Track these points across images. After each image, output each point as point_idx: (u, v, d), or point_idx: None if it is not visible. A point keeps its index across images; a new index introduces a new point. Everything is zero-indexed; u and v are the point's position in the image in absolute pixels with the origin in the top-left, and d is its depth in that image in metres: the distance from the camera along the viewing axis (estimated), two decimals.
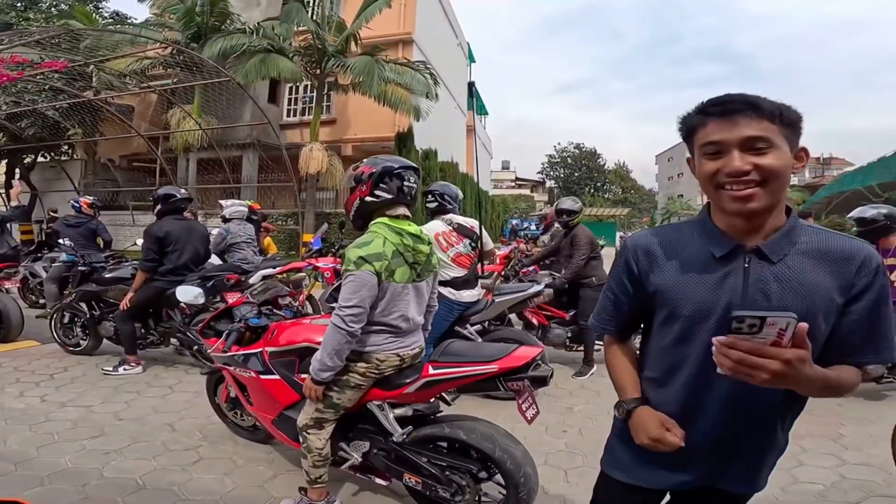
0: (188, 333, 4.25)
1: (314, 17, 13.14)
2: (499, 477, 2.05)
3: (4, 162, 15.16)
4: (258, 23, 12.88)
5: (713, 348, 0.85)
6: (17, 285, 5.87)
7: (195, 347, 4.25)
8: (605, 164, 51.43)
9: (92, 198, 6.50)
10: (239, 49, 11.97)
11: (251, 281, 4.73)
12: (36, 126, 13.23)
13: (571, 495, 2.44)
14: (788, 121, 0.95)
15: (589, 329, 4.18)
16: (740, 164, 0.93)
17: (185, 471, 2.63)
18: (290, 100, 16.84)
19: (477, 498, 2.06)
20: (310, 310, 5.29)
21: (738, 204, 0.95)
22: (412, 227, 2.11)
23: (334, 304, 5.03)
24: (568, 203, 4.85)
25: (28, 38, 8.25)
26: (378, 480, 2.27)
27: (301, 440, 2.13)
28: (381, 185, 2.04)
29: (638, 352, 1.25)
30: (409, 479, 2.13)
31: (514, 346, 2.03)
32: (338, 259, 5.86)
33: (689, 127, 1.02)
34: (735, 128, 0.94)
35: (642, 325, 1.22)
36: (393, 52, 14.54)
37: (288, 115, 16.79)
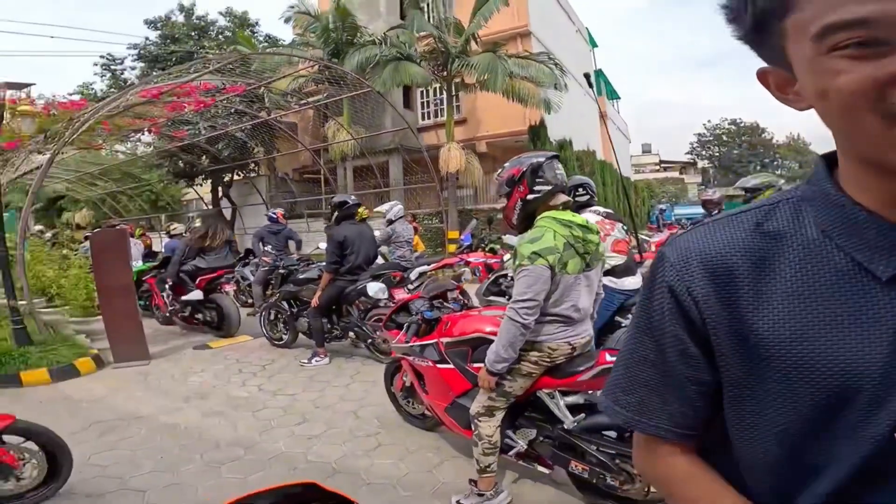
0: (363, 327, 4.75)
1: (432, 22, 13.44)
2: None
3: (209, 182, 17.72)
4: (384, 33, 13.47)
5: None
6: (233, 288, 6.82)
7: (369, 340, 4.74)
8: (772, 137, 44.97)
9: (282, 209, 7.67)
10: (373, 60, 12.64)
11: (410, 277, 5.20)
12: (229, 147, 15.06)
13: None
14: None
15: None
16: None
17: (367, 456, 2.92)
18: (422, 103, 17.35)
19: (647, 488, 2.03)
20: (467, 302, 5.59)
21: None
22: (579, 218, 2.15)
23: (492, 297, 5.23)
24: (751, 181, 4.70)
25: (212, 67, 9.00)
26: (540, 468, 2.33)
27: (473, 427, 2.23)
28: (537, 179, 2.09)
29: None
30: (576, 466, 2.16)
31: None
32: (487, 254, 6.08)
33: None
34: None
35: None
36: (512, 46, 14.31)
37: (423, 119, 17.32)
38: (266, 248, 6.67)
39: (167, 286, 6.30)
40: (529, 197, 2.11)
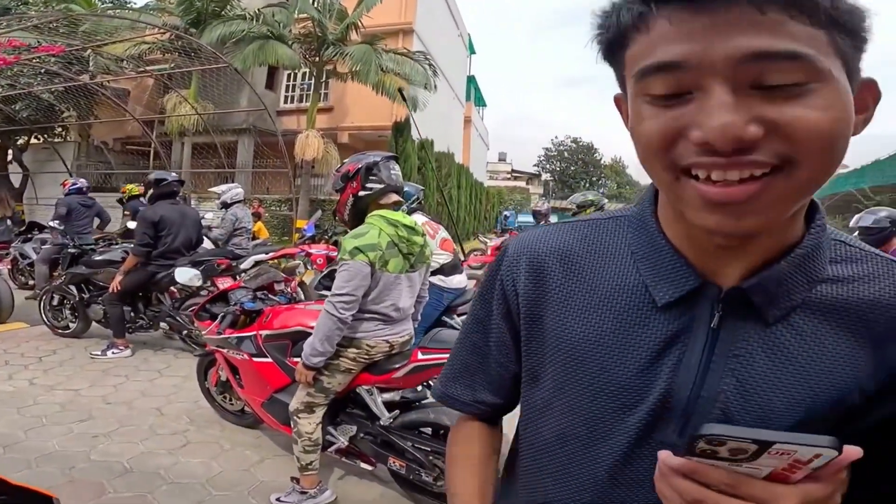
0: (177, 318, 4.25)
1: (316, 5, 13.05)
2: None
3: None
4: (259, 9, 12.76)
5: (657, 472, 0.44)
6: (7, 266, 5.88)
7: (184, 332, 4.26)
8: (601, 158, 51.50)
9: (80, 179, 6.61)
10: (238, 35, 11.86)
11: (243, 266, 4.73)
12: (30, 109, 13.12)
13: None
14: (847, 23, 0.40)
15: None
16: (735, 117, 0.39)
17: (171, 454, 2.66)
18: (287, 86, 16.70)
19: None
20: (302, 296, 5.30)
21: (725, 218, 0.42)
22: (407, 220, 2.18)
23: (324, 291, 5.05)
24: (579, 198, 5.46)
25: (27, 23, 8.11)
26: (363, 465, 2.32)
27: (292, 424, 2.18)
28: (370, 177, 2.13)
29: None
30: (394, 462, 2.18)
31: None
32: (331, 246, 5.86)
33: (619, 31, 0.46)
34: (726, 32, 0.39)
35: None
36: (393, 41, 14.46)
37: (285, 102, 16.67)
38: (53, 224, 5.59)
39: None
40: (361, 193, 2.14)
